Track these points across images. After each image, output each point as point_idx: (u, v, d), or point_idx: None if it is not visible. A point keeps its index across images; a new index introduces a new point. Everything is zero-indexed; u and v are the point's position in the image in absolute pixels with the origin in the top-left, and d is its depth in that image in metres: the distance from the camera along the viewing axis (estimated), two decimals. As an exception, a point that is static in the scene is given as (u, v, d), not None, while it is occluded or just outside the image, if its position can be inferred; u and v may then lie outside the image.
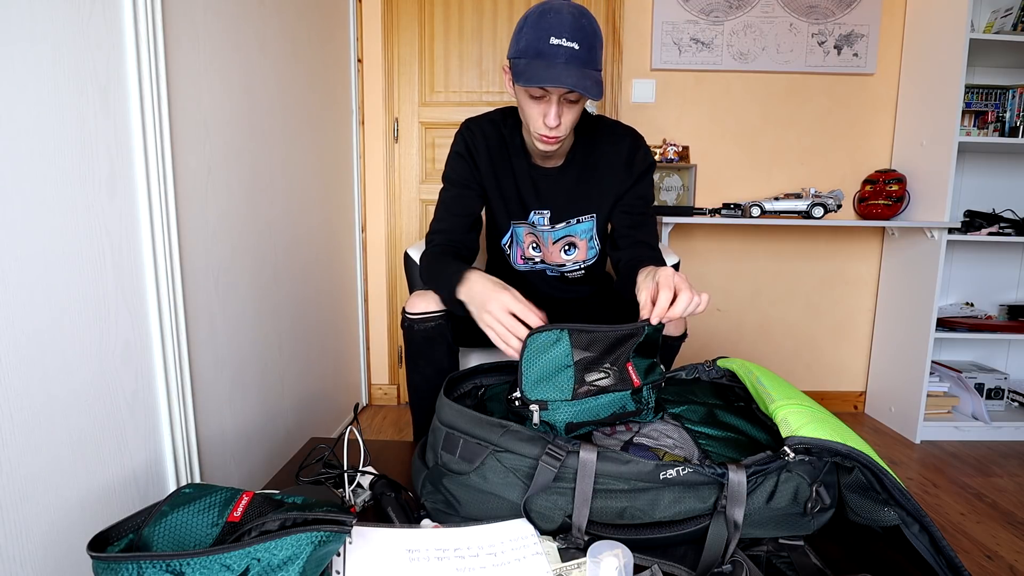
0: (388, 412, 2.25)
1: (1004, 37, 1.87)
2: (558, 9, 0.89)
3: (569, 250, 1.18)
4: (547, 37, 0.88)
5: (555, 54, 0.88)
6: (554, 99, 0.93)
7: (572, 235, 1.16)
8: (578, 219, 1.15)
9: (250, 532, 0.57)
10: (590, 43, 0.89)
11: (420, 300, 1.09)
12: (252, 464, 1.26)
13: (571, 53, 0.88)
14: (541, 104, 0.95)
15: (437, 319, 1.08)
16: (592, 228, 1.16)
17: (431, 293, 1.10)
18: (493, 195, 1.15)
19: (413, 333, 1.10)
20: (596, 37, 0.91)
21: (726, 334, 2.32)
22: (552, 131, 0.96)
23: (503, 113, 1.15)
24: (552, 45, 0.87)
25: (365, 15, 2.10)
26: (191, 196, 1.03)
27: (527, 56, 0.90)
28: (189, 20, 1.02)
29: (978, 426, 2.05)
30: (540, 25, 0.89)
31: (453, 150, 1.13)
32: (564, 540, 0.70)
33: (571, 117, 0.97)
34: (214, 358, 1.11)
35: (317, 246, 1.72)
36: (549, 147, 1.01)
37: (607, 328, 0.81)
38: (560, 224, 1.15)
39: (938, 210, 1.97)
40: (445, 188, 1.14)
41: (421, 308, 1.08)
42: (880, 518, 0.70)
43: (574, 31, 0.88)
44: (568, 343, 0.80)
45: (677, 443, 0.86)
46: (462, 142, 1.12)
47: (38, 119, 0.70)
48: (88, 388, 0.78)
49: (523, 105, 0.98)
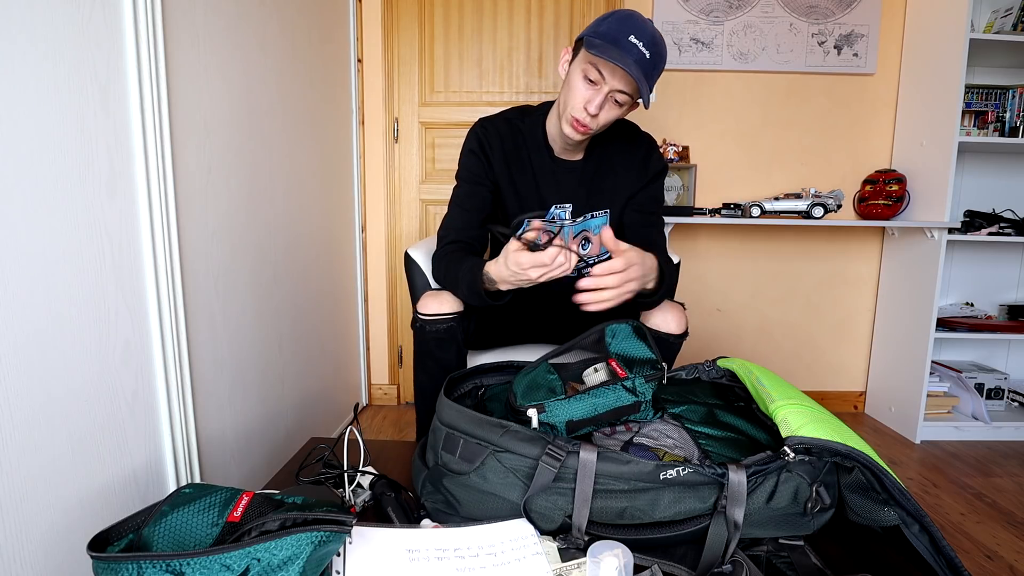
0: (388, 412, 2.25)
1: (1004, 37, 1.87)
2: (644, 20, 0.97)
3: (584, 245, 1.20)
4: (628, 34, 0.94)
5: (629, 50, 0.93)
6: (605, 90, 0.97)
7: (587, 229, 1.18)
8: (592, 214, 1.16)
9: (250, 532, 0.57)
10: (657, 59, 0.96)
11: (433, 301, 1.09)
12: (252, 464, 1.26)
13: (642, 57, 0.93)
14: (591, 89, 0.98)
15: (449, 321, 1.08)
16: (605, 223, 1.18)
17: (444, 294, 1.10)
18: (507, 192, 1.15)
19: (424, 334, 1.09)
20: (662, 59, 0.98)
21: (726, 334, 2.32)
22: (589, 119, 0.99)
23: (519, 111, 1.16)
24: (630, 42, 0.93)
25: (365, 15, 2.10)
26: (191, 196, 1.03)
27: (605, 39, 0.94)
28: (189, 20, 1.02)
29: (978, 426, 2.05)
30: (625, 23, 0.95)
31: (466, 147, 1.14)
32: (564, 540, 0.70)
33: (609, 116, 1.01)
34: (214, 358, 1.11)
35: (317, 246, 1.72)
36: (576, 135, 1.03)
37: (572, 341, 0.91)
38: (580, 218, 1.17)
39: (938, 210, 1.97)
40: (458, 185, 1.15)
41: (434, 309, 1.08)
42: (880, 518, 0.70)
43: (651, 42, 0.94)
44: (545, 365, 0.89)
45: (677, 443, 0.86)
46: (475, 139, 1.13)
47: (38, 119, 0.70)
48: (88, 388, 0.78)
49: (573, 84, 1.01)
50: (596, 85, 0.97)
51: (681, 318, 1.09)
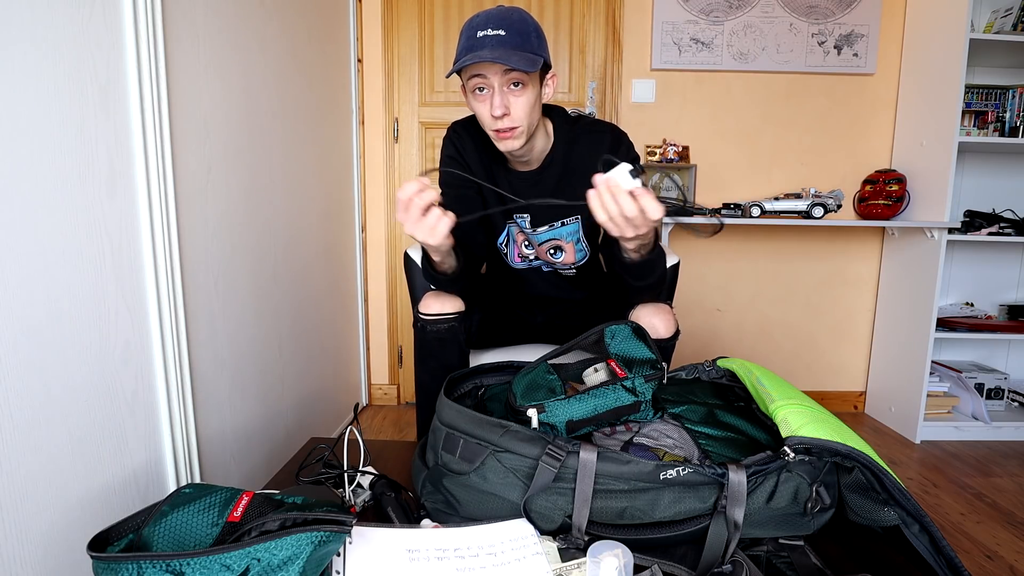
0: (388, 412, 2.25)
1: (1004, 37, 1.87)
2: (485, 12, 0.93)
3: (556, 253, 1.17)
4: (474, 33, 0.92)
5: (482, 44, 0.91)
6: (495, 87, 0.94)
7: (557, 239, 1.15)
8: (562, 222, 1.13)
9: (250, 532, 0.57)
10: (519, 29, 0.91)
11: (434, 301, 1.09)
12: (252, 464, 1.26)
13: (498, 39, 0.90)
14: (485, 98, 0.96)
15: (451, 321, 1.08)
16: (578, 231, 1.14)
17: (444, 294, 1.09)
18: (488, 194, 1.14)
19: (425, 334, 1.09)
20: (526, 24, 0.93)
21: (726, 334, 2.32)
22: (500, 122, 0.95)
23: None
24: (479, 37, 0.91)
25: (365, 15, 2.10)
26: (191, 196, 1.03)
27: (461, 55, 0.93)
28: (189, 20, 1.02)
29: (978, 426, 2.05)
30: (468, 29, 0.94)
31: (444, 155, 1.12)
32: (564, 540, 0.70)
33: (521, 104, 0.95)
34: (214, 358, 1.11)
35: (317, 246, 1.72)
36: (508, 143, 0.99)
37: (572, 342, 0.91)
38: (543, 227, 1.14)
39: (938, 210, 1.97)
40: (443, 193, 1.12)
41: (435, 309, 1.08)
42: (880, 518, 0.70)
43: (499, 21, 0.91)
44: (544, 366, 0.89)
45: (677, 443, 0.86)
46: (452, 146, 1.12)
47: (38, 119, 0.70)
48: (88, 388, 0.78)
49: (473, 108, 0.99)
50: (485, 91, 0.95)
51: (669, 320, 1.08)
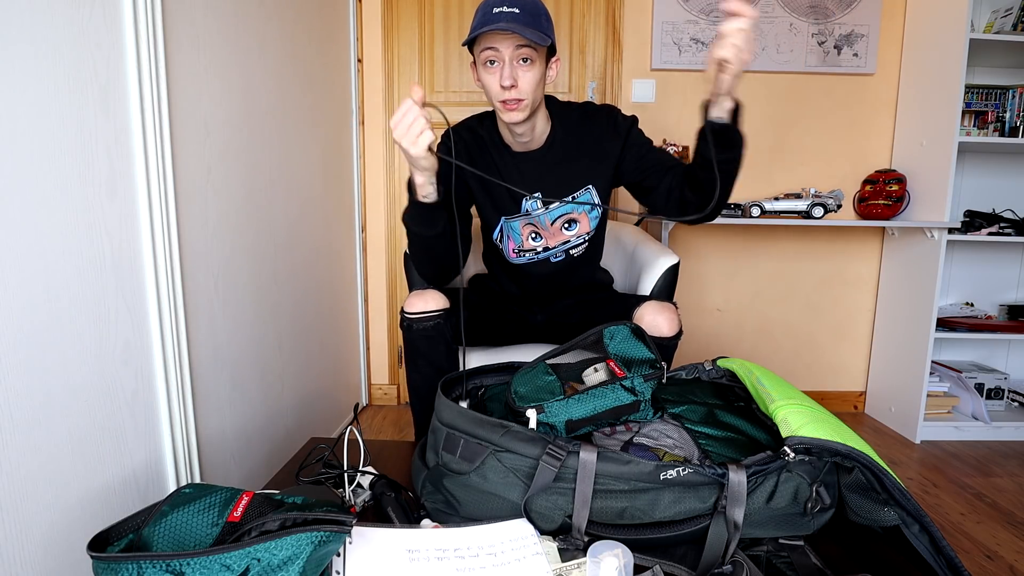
0: (388, 412, 2.25)
1: (1004, 37, 1.87)
2: None
3: (570, 226, 1.20)
4: (491, 9, 0.97)
5: (497, 18, 0.95)
6: (506, 60, 0.99)
7: (570, 212, 1.18)
8: (577, 193, 1.17)
9: (250, 532, 0.57)
10: (531, 10, 0.97)
11: (418, 299, 1.10)
12: (252, 464, 1.26)
13: (512, 16, 0.96)
14: (496, 69, 1.01)
15: (436, 318, 1.09)
16: (594, 196, 1.19)
17: (429, 292, 1.11)
18: (479, 193, 1.18)
19: (412, 333, 1.10)
20: (538, 7, 0.99)
21: (726, 334, 2.32)
22: (509, 93, 1.01)
23: (478, 118, 1.20)
24: (495, 13, 0.96)
25: (365, 15, 2.10)
26: (191, 196, 1.03)
27: (476, 28, 0.97)
28: (189, 20, 1.02)
29: (978, 426, 2.05)
30: (485, 3, 0.99)
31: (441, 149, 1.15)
32: (564, 540, 0.70)
33: (528, 79, 1.01)
34: (214, 358, 1.11)
35: (317, 246, 1.72)
36: (512, 115, 1.04)
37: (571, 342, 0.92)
38: (554, 204, 1.16)
39: (938, 210, 1.97)
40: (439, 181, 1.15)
41: (419, 308, 1.09)
42: (880, 518, 0.70)
43: (514, 0, 0.97)
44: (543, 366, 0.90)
45: (677, 443, 0.86)
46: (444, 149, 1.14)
47: (38, 119, 0.70)
48: (88, 388, 0.78)
49: (483, 80, 1.04)
50: (497, 63, 1.00)
51: (673, 319, 1.09)
